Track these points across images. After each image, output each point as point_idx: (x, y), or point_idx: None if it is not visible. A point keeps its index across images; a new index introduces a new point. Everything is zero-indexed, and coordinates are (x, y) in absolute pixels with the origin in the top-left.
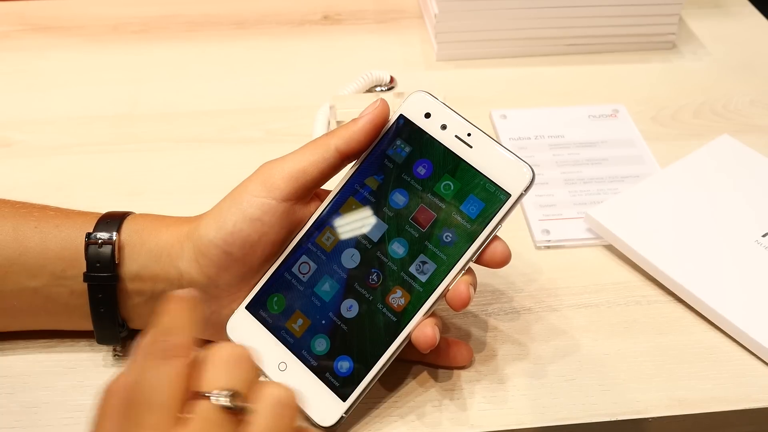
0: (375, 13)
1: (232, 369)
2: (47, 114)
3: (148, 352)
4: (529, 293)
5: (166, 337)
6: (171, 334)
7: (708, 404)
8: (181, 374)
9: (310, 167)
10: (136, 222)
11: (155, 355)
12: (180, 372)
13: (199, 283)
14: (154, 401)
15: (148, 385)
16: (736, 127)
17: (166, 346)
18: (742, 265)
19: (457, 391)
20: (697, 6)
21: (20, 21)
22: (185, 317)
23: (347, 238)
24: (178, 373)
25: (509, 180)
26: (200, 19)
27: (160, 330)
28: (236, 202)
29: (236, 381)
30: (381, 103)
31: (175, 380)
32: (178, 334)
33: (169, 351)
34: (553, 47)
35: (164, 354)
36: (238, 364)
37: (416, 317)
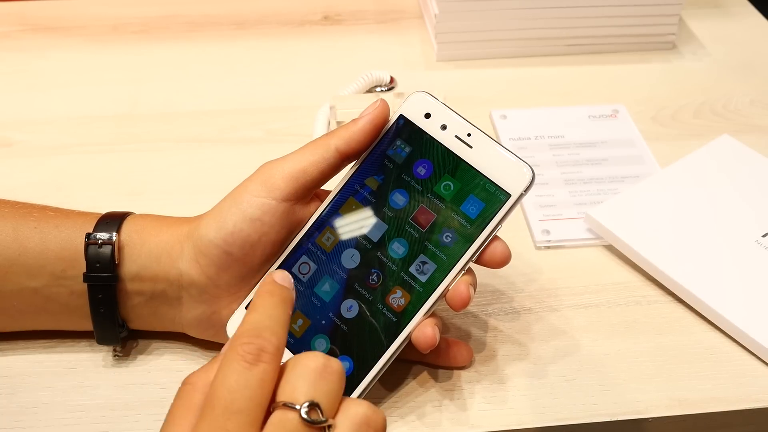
0: (375, 14)
1: (318, 380)
2: (47, 114)
3: (237, 353)
4: (529, 293)
5: (255, 340)
6: (261, 337)
7: (708, 404)
8: (267, 381)
9: (310, 167)
10: (136, 222)
11: (243, 357)
12: (266, 378)
13: (199, 283)
14: (236, 406)
15: (232, 389)
16: (736, 127)
17: (254, 349)
18: (742, 265)
19: (457, 391)
20: (697, 6)
21: (20, 21)
22: (278, 315)
23: (347, 239)
24: (263, 379)
25: (509, 180)
26: (200, 19)
27: (250, 330)
28: (236, 202)
29: (321, 393)
30: (381, 103)
31: (260, 387)
32: (269, 337)
33: (258, 355)
34: (553, 47)
35: (253, 358)
36: (325, 375)
37: (416, 317)
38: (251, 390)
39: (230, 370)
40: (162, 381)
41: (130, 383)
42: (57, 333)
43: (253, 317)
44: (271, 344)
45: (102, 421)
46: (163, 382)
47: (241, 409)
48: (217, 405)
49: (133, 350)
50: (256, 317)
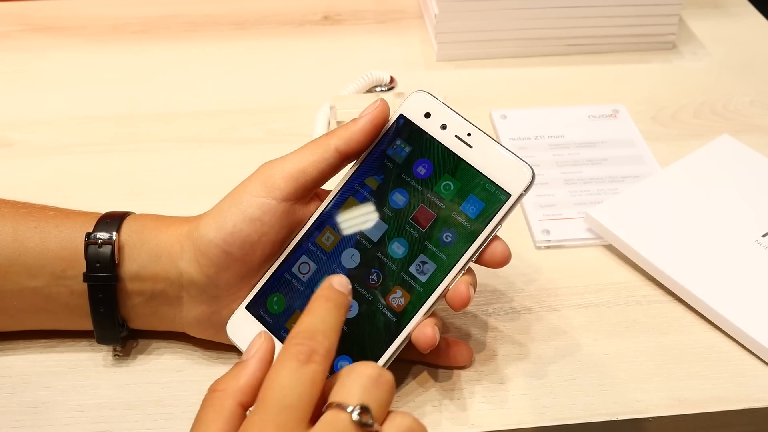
0: (375, 14)
1: (371, 387)
2: (47, 114)
3: (290, 352)
4: (529, 293)
5: (308, 341)
6: (314, 339)
7: (708, 404)
8: (317, 381)
9: (309, 167)
10: (135, 222)
11: (296, 357)
12: (316, 378)
13: (199, 283)
14: (287, 401)
15: (284, 385)
16: (736, 127)
17: (307, 350)
18: (742, 265)
19: (457, 391)
20: (697, 6)
21: (20, 21)
22: (332, 320)
23: (347, 238)
24: (314, 378)
25: (509, 180)
26: (200, 19)
27: (304, 332)
28: (236, 202)
29: (373, 400)
30: (381, 103)
31: (310, 385)
32: (322, 340)
33: (310, 356)
34: (553, 47)
35: (305, 358)
36: (378, 384)
37: (416, 317)
38: (302, 387)
39: (283, 368)
40: (162, 380)
41: (131, 383)
42: (57, 332)
43: (308, 320)
44: (322, 346)
45: (102, 421)
46: (164, 382)
47: (292, 404)
48: (269, 400)
49: (134, 350)
50: (310, 320)
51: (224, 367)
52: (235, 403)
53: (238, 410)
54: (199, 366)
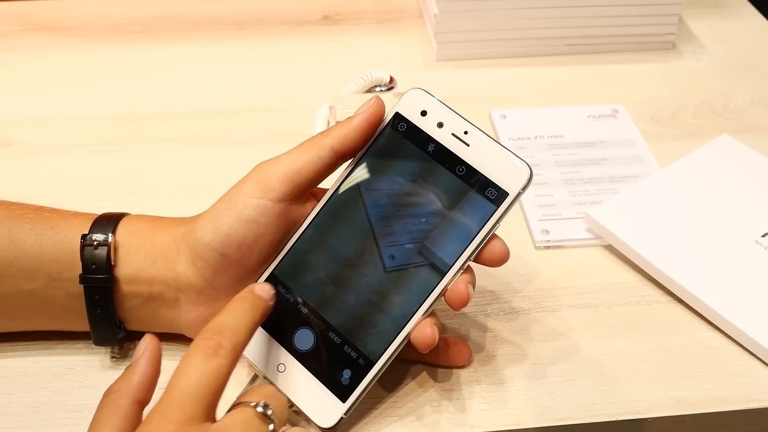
0: (375, 13)
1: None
2: (47, 114)
3: (199, 345)
4: (529, 293)
5: (217, 336)
6: (222, 334)
7: (707, 404)
8: (222, 374)
9: (305, 167)
10: (131, 223)
11: (203, 350)
12: (222, 371)
13: (196, 285)
14: (191, 390)
15: (189, 375)
16: (736, 127)
17: (214, 344)
18: (742, 265)
19: (457, 391)
20: (697, 6)
21: (20, 21)
22: (244, 319)
23: (344, 238)
24: (219, 371)
25: (507, 178)
26: (200, 19)
27: (214, 328)
28: (231, 204)
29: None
30: (376, 100)
31: (215, 377)
32: (230, 335)
33: (216, 349)
34: (553, 47)
35: (212, 351)
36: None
37: (415, 317)
38: (206, 378)
39: (190, 360)
40: (160, 381)
41: None
42: (56, 333)
43: (220, 317)
44: (230, 342)
45: None
46: (162, 383)
47: (196, 393)
48: (175, 389)
49: (131, 351)
50: (222, 317)
51: None
52: (130, 401)
53: (134, 408)
54: None
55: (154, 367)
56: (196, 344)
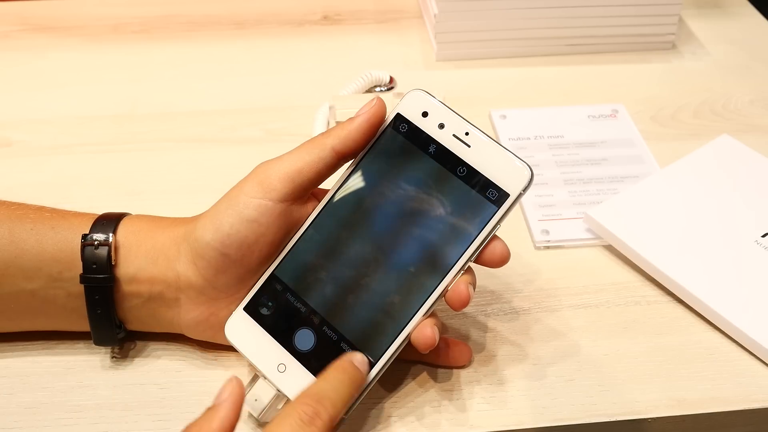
0: (375, 13)
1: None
2: (47, 114)
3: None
4: (529, 293)
5: (316, 405)
6: (321, 404)
7: (707, 404)
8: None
9: (306, 167)
10: (132, 223)
11: (300, 417)
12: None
13: (197, 285)
14: None
15: None
16: (736, 127)
17: (312, 412)
18: (742, 265)
19: (457, 391)
20: (697, 6)
21: (20, 21)
22: (343, 392)
23: (345, 238)
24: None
25: (508, 179)
26: (200, 19)
27: (314, 395)
28: (232, 204)
29: None
30: (377, 101)
31: None
32: (328, 406)
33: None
34: (553, 47)
35: (308, 420)
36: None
37: (416, 317)
38: None
39: (287, 423)
40: (161, 381)
41: (129, 383)
42: (56, 333)
43: (321, 385)
44: (327, 413)
45: (101, 422)
46: (162, 383)
47: None
48: None
49: (132, 351)
50: (323, 386)
51: (222, 368)
52: None
53: None
54: (197, 367)
55: (236, 414)
56: (294, 408)
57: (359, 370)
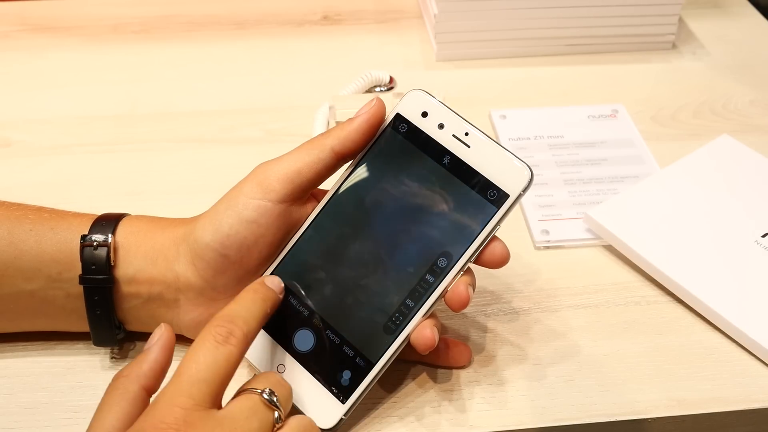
0: (375, 13)
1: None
2: (47, 114)
3: (210, 332)
4: (529, 294)
5: (228, 324)
6: (233, 323)
7: (707, 405)
8: (231, 361)
9: (305, 168)
10: (131, 224)
11: (214, 337)
12: (231, 359)
13: (196, 286)
14: (201, 376)
15: (199, 361)
16: (736, 127)
17: (225, 332)
18: (742, 265)
19: (457, 392)
20: (697, 6)
21: (20, 21)
22: (255, 309)
23: (344, 239)
24: (228, 359)
25: (508, 180)
26: (200, 19)
27: (225, 316)
28: (232, 205)
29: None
30: (377, 102)
31: (224, 365)
32: (241, 324)
33: (227, 337)
34: (552, 47)
35: (222, 339)
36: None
37: (415, 318)
38: (216, 365)
39: (200, 346)
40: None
41: None
42: (55, 334)
43: (232, 306)
44: (240, 330)
45: None
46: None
47: (205, 379)
48: (185, 373)
49: (131, 351)
50: (234, 307)
51: None
52: (139, 386)
53: (142, 393)
54: None
55: (166, 356)
56: (207, 331)
57: (269, 288)
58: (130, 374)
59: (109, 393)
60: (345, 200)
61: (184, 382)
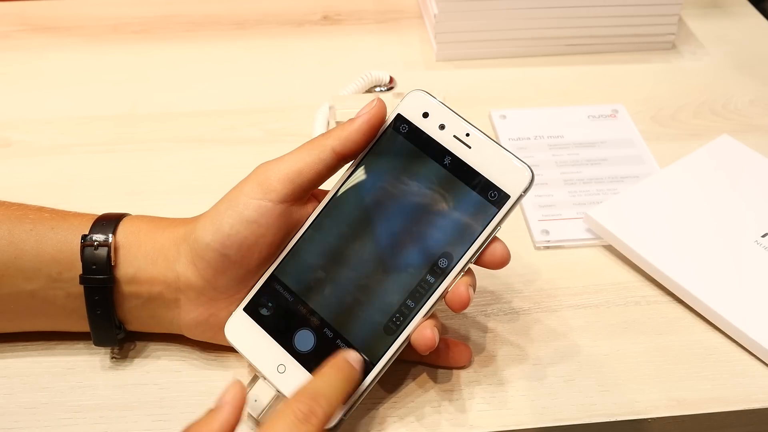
0: (375, 13)
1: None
2: (47, 114)
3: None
4: (529, 294)
5: (311, 402)
6: (317, 401)
7: (707, 405)
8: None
9: (306, 168)
10: (132, 224)
11: (296, 414)
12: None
13: (197, 286)
14: None
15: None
16: (736, 127)
17: (307, 410)
18: (742, 265)
19: (457, 392)
20: (697, 6)
21: (20, 21)
22: (339, 389)
23: (345, 239)
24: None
25: (508, 181)
26: (200, 19)
27: (310, 393)
28: (232, 205)
29: None
30: (378, 102)
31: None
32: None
33: (308, 416)
34: (553, 47)
35: (304, 417)
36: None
37: (416, 319)
38: None
39: (282, 421)
40: (160, 381)
41: (129, 383)
42: (55, 334)
43: (316, 383)
44: (323, 410)
45: (101, 422)
46: (162, 383)
47: None
48: None
49: (132, 351)
50: (318, 383)
51: (222, 368)
52: None
53: None
54: (197, 367)
55: (237, 417)
56: (290, 406)
57: (354, 368)
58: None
59: None
60: (346, 201)
61: None
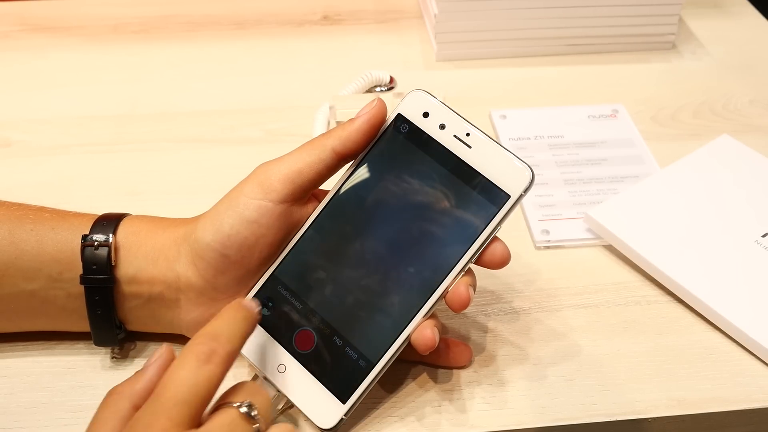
0: (375, 13)
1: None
2: (47, 114)
3: (192, 351)
4: (529, 294)
5: (211, 342)
6: (216, 341)
7: (707, 404)
8: (213, 381)
9: (306, 168)
10: (132, 224)
11: (197, 356)
12: (213, 379)
13: (197, 286)
14: (181, 397)
15: (181, 382)
16: (736, 127)
17: (208, 350)
18: (742, 265)
19: (457, 392)
20: (697, 6)
21: (20, 21)
22: (238, 328)
23: (345, 239)
24: (210, 379)
25: (509, 180)
26: (200, 19)
27: (209, 334)
28: (233, 205)
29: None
30: (378, 102)
31: (206, 384)
32: (224, 343)
33: (210, 356)
34: (553, 47)
35: (205, 358)
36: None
37: (416, 319)
38: (198, 386)
39: (182, 365)
40: None
41: None
42: (55, 333)
43: (215, 324)
44: (224, 349)
45: None
46: None
47: (186, 400)
48: (164, 394)
49: (132, 351)
50: (217, 324)
51: None
52: (131, 405)
53: (132, 412)
54: None
55: (160, 377)
56: (190, 349)
57: (250, 310)
58: (123, 392)
59: (101, 409)
60: (346, 201)
61: (165, 404)
